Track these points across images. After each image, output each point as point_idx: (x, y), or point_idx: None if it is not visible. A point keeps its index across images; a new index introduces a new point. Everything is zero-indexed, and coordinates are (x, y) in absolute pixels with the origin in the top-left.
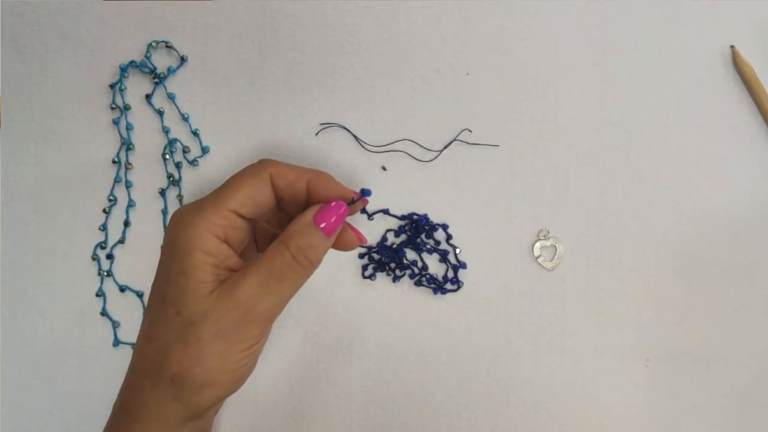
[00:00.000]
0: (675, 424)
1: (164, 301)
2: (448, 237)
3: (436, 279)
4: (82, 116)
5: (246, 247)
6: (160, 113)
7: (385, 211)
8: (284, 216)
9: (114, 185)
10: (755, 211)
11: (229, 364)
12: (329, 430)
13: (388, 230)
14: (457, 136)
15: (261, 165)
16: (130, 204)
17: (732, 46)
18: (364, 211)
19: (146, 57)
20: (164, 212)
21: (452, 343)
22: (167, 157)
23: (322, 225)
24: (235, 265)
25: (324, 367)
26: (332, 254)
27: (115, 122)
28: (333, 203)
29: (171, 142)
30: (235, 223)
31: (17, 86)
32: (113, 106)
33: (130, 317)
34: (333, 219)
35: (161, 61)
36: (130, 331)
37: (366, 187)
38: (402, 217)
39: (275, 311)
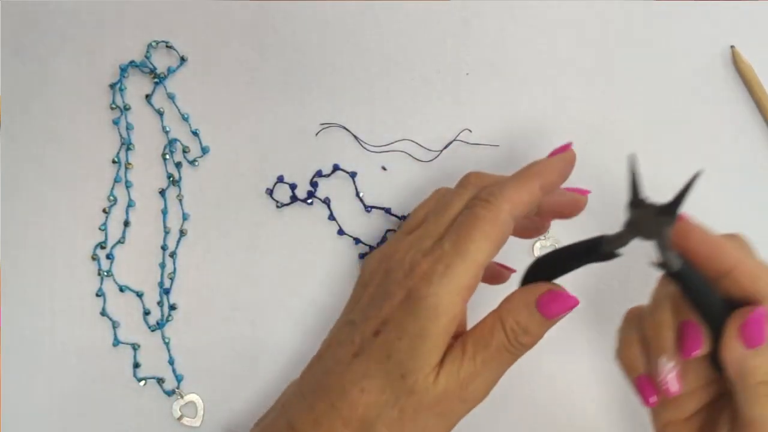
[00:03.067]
0: None
1: (389, 357)
2: None
3: None
4: (82, 116)
5: None
6: (160, 113)
7: (386, 211)
8: None
9: (114, 185)
10: (755, 211)
11: None
12: None
13: (389, 230)
14: (457, 136)
15: (498, 208)
16: (130, 204)
17: (732, 46)
18: (367, 208)
19: (146, 57)
20: (164, 212)
21: None
22: (167, 157)
23: (543, 311)
24: (462, 327)
25: None
26: (331, 254)
27: (115, 122)
28: (566, 296)
29: (171, 142)
30: (479, 279)
31: (17, 86)
32: (113, 106)
33: (130, 317)
34: (556, 310)
35: (161, 61)
36: (130, 331)
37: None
38: (402, 218)
39: (485, 392)
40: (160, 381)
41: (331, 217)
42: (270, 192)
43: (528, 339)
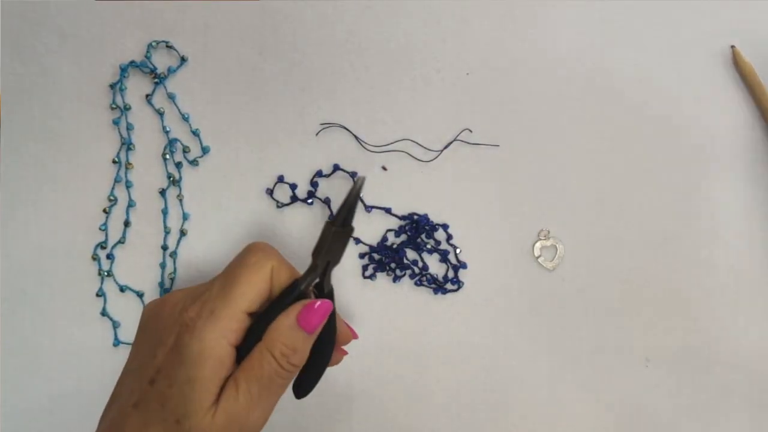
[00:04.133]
0: (675, 424)
1: (164, 405)
2: (449, 237)
3: (437, 279)
4: (82, 116)
5: None
6: (160, 113)
7: (386, 210)
8: None
9: (114, 185)
10: (755, 211)
11: None
12: (329, 430)
13: (389, 230)
14: (457, 136)
15: (263, 256)
16: (130, 204)
17: (732, 46)
18: (367, 208)
19: (146, 57)
20: (164, 212)
21: (452, 343)
22: (167, 157)
23: (305, 326)
24: (231, 361)
25: None
26: None
27: (115, 122)
28: (317, 304)
29: (171, 142)
30: (245, 324)
31: (17, 86)
32: (113, 106)
33: (130, 317)
34: (316, 321)
35: (161, 61)
36: (130, 331)
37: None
38: (402, 217)
39: (265, 420)
40: None
41: (332, 217)
42: (270, 192)
43: (297, 358)
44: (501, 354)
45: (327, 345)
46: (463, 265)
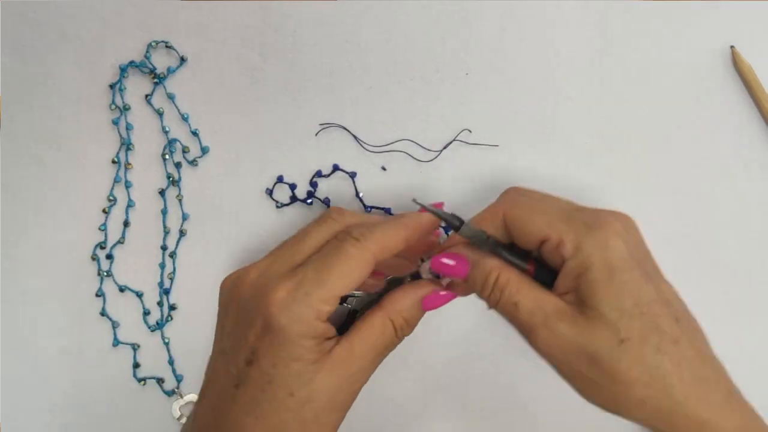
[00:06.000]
0: None
1: (272, 383)
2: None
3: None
4: (82, 116)
5: None
6: (160, 113)
7: (386, 211)
8: None
9: (114, 185)
10: (755, 211)
11: (335, 430)
12: None
13: None
14: (457, 136)
15: (362, 248)
16: (130, 204)
17: (732, 46)
18: (367, 208)
19: (146, 57)
20: (164, 212)
21: (452, 343)
22: (167, 157)
23: (427, 306)
24: (330, 333)
25: None
26: None
27: (115, 122)
28: (444, 293)
29: (171, 142)
30: (336, 304)
31: (17, 86)
32: (113, 106)
33: (130, 317)
34: (439, 304)
35: (161, 61)
36: (130, 331)
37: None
38: None
39: (360, 388)
40: (160, 381)
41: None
42: (270, 192)
43: (409, 330)
44: (501, 354)
45: None
46: None
